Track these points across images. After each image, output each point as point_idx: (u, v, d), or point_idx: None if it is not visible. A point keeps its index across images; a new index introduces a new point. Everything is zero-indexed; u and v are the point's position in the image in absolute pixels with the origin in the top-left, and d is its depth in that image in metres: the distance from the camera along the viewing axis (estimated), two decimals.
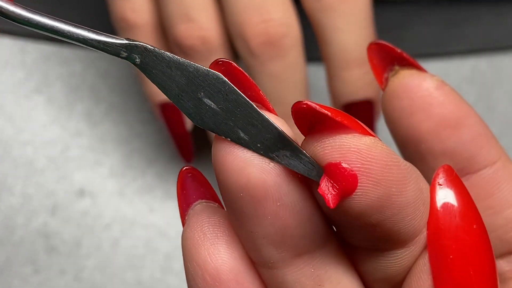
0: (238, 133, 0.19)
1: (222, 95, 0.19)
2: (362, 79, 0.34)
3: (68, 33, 0.19)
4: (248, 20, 0.33)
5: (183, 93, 0.19)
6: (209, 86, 0.19)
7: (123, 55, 0.19)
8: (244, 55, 0.34)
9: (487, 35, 0.43)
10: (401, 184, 0.19)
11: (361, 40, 0.34)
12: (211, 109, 0.19)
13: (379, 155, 0.18)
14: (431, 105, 0.22)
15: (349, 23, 0.33)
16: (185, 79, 0.19)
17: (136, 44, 0.19)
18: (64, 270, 0.40)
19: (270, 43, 0.33)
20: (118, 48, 0.19)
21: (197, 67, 0.19)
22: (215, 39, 0.34)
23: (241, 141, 0.19)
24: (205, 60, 0.34)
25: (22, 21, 0.18)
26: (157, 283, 0.40)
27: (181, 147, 0.40)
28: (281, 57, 0.33)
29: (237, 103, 0.19)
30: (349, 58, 0.34)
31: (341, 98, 0.35)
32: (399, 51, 0.22)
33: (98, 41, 0.19)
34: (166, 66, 0.19)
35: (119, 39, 0.19)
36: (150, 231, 0.41)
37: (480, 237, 0.20)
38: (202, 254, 0.20)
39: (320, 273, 0.20)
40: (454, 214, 0.20)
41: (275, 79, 0.33)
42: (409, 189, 0.19)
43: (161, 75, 0.19)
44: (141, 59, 0.19)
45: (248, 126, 0.19)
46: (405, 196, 0.19)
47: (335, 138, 0.18)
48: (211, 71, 0.19)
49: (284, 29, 0.33)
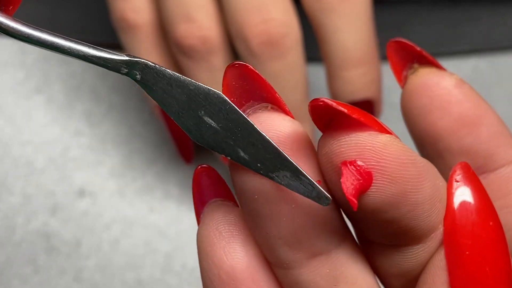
0: (238, 152, 0.19)
1: (223, 114, 0.19)
2: (362, 79, 0.34)
3: (69, 49, 0.19)
4: (248, 20, 0.33)
5: (183, 111, 0.19)
6: (209, 105, 0.19)
7: (124, 71, 0.19)
8: (244, 55, 0.34)
9: (487, 35, 0.43)
10: (417, 182, 0.19)
11: (361, 40, 0.34)
12: (212, 127, 0.19)
13: (394, 153, 0.19)
14: (450, 103, 0.22)
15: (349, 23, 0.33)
16: (185, 97, 0.19)
17: (137, 60, 0.19)
18: (64, 270, 0.40)
19: (270, 43, 0.33)
20: (119, 64, 0.19)
21: (198, 85, 0.19)
22: (215, 39, 0.34)
23: (241, 160, 0.19)
24: (205, 60, 0.34)
25: (22, 37, 0.19)
26: (157, 283, 0.40)
27: (181, 147, 0.40)
28: (281, 57, 0.33)
29: (237, 123, 0.19)
30: (349, 58, 0.34)
31: (341, 98, 0.35)
32: (419, 49, 0.22)
33: (98, 57, 0.19)
34: (166, 84, 0.19)
35: (120, 55, 0.19)
36: (150, 231, 0.41)
37: (496, 234, 0.20)
38: (218, 252, 0.20)
39: (336, 273, 0.20)
40: (470, 211, 0.20)
41: (275, 79, 0.33)
42: (425, 186, 0.19)
43: (162, 92, 0.19)
44: (141, 75, 0.19)
45: (248, 146, 0.19)
46: (422, 193, 0.19)
47: (351, 136, 0.19)
48: (212, 89, 0.19)
49: (284, 29, 0.33)
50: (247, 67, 0.19)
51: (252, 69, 0.19)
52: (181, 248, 0.41)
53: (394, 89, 0.45)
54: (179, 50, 0.34)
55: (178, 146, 0.40)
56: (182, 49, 0.34)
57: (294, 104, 0.34)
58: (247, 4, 0.33)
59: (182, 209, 0.42)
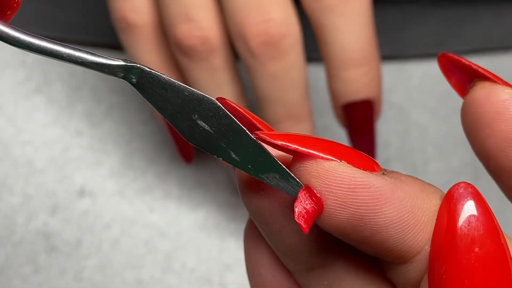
0: (230, 154, 0.20)
1: (216, 119, 0.20)
2: (362, 79, 0.34)
3: (68, 56, 0.19)
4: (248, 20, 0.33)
5: (177, 114, 0.20)
6: (203, 110, 0.20)
7: (120, 75, 0.20)
8: (244, 55, 0.34)
9: (487, 35, 0.43)
10: (374, 206, 0.19)
11: (361, 40, 0.34)
12: (205, 130, 0.20)
13: (340, 178, 0.19)
14: (497, 120, 0.21)
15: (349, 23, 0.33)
16: (180, 101, 0.20)
17: (133, 65, 0.20)
18: (64, 270, 0.40)
19: (270, 43, 0.33)
20: (115, 69, 0.20)
21: (192, 91, 0.20)
22: (215, 39, 0.34)
23: (233, 161, 0.20)
24: (205, 60, 0.34)
25: (22, 45, 0.19)
26: (157, 283, 0.40)
27: (181, 147, 0.40)
28: (281, 57, 0.33)
29: (230, 127, 0.20)
30: (349, 58, 0.34)
31: (341, 98, 0.35)
32: (475, 67, 0.22)
33: (95, 63, 0.20)
34: (161, 88, 0.20)
35: (117, 61, 0.20)
36: (150, 231, 0.41)
37: (485, 261, 0.19)
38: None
39: (334, 286, 0.21)
40: (472, 229, 0.19)
41: (275, 79, 0.33)
42: (386, 210, 0.19)
43: (157, 95, 0.20)
44: (137, 79, 0.20)
45: (239, 148, 0.20)
46: (382, 217, 0.19)
47: (300, 165, 0.20)
48: (206, 96, 0.20)
49: (284, 29, 0.33)
50: (224, 101, 0.20)
51: (229, 103, 0.20)
52: (181, 248, 0.41)
53: (394, 89, 0.45)
54: (179, 50, 0.34)
55: (178, 146, 0.40)
56: (182, 49, 0.34)
57: (294, 104, 0.34)
58: (247, 4, 0.33)
59: (182, 209, 0.42)
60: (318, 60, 0.42)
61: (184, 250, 0.41)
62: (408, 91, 0.44)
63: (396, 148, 0.43)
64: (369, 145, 0.36)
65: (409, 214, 0.19)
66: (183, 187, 0.42)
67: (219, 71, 0.35)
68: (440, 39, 0.43)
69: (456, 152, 0.43)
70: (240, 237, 0.41)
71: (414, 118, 0.44)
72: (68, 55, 0.19)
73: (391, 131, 0.43)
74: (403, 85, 0.45)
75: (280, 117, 0.34)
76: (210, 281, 0.40)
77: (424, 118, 0.44)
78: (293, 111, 0.34)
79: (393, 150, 0.43)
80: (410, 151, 0.43)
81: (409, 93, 0.44)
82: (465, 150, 0.43)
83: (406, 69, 0.45)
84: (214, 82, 0.35)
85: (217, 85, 0.35)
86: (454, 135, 0.44)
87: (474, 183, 0.45)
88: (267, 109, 0.34)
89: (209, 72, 0.35)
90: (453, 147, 0.43)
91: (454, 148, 0.43)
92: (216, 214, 0.41)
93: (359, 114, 0.35)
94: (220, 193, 0.42)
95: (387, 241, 0.19)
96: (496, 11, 0.41)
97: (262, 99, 0.34)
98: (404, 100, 0.44)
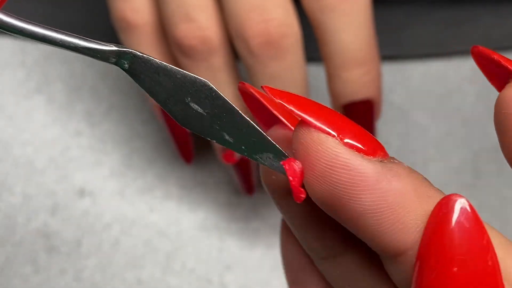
0: (223, 136, 0.20)
1: (209, 101, 0.20)
2: (362, 79, 0.34)
3: (60, 41, 0.19)
4: (248, 20, 0.33)
5: (170, 98, 0.20)
6: (196, 92, 0.20)
7: (112, 60, 0.20)
8: (244, 55, 0.34)
9: (487, 35, 0.43)
10: (351, 189, 0.19)
11: (361, 40, 0.34)
12: (198, 113, 0.20)
13: (322, 152, 0.19)
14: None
15: (349, 23, 0.33)
16: (172, 85, 0.20)
17: (125, 50, 0.20)
18: (64, 270, 0.40)
19: (270, 43, 0.33)
20: (108, 54, 0.20)
21: (184, 73, 0.20)
22: (215, 39, 0.34)
23: (226, 143, 0.20)
24: (205, 60, 0.34)
25: (15, 30, 0.19)
26: (157, 283, 0.40)
27: (181, 147, 0.40)
28: (281, 57, 0.33)
29: (223, 109, 0.20)
30: (349, 58, 0.34)
31: (341, 98, 0.35)
32: (504, 62, 0.20)
33: (88, 48, 0.20)
34: (154, 72, 0.20)
35: (109, 46, 0.20)
36: (150, 231, 0.41)
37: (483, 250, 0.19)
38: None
39: (346, 276, 0.21)
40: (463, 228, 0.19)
41: (275, 79, 0.33)
42: (364, 197, 0.19)
43: (149, 80, 0.20)
44: (129, 65, 0.20)
45: (233, 130, 0.20)
46: (359, 203, 0.19)
47: (295, 130, 0.20)
48: (198, 78, 0.20)
49: (284, 29, 0.33)
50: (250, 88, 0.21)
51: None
52: (181, 248, 0.41)
53: (394, 89, 0.45)
54: (179, 50, 0.34)
55: (178, 146, 0.40)
56: (182, 49, 0.34)
57: None
58: (247, 4, 0.33)
59: (182, 209, 0.42)
60: (318, 60, 0.42)
61: (184, 250, 0.41)
62: (408, 91, 0.44)
63: (396, 148, 0.43)
64: None
65: (388, 209, 0.19)
66: (183, 187, 0.42)
67: (219, 71, 0.35)
68: (440, 39, 0.43)
69: (456, 152, 0.43)
70: (240, 237, 0.41)
71: (414, 118, 0.44)
72: (60, 40, 0.19)
73: (391, 131, 0.43)
74: (403, 85, 0.45)
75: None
76: (210, 281, 0.40)
77: (424, 118, 0.44)
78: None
79: (393, 150, 0.43)
80: (410, 151, 0.43)
81: (409, 93, 0.44)
82: (465, 150, 0.43)
83: (406, 69, 0.45)
84: (215, 83, 0.35)
85: (217, 85, 0.35)
86: (454, 135, 0.44)
87: (474, 183, 0.45)
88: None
89: (209, 72, 0.35)
90: (453, 147, 0.43)
91: (454, 148, 0.43)
92: (216, 214, 0.41)
93: (359, 114, 0.35)
94: (220, 193, 0.42)
95: (367, 230, 0.19)
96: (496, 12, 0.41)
97: None
98: (404, 100, 0.44)
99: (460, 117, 0.44)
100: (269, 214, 0.42)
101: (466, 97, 0.44)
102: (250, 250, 0.41)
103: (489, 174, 0.43)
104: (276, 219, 0.42)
